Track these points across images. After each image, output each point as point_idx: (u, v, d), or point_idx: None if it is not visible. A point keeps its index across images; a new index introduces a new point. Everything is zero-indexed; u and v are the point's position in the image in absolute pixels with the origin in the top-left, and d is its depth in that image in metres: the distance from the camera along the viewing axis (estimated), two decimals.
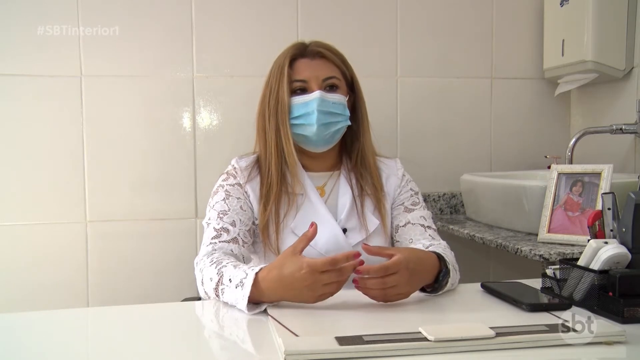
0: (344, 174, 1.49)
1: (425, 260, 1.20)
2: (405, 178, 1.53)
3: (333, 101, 1.41)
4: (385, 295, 1.13)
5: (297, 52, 1.45)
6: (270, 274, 1.12)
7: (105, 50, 1.95)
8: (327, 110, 1.40)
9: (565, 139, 2.16)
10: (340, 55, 1.47)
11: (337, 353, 0.87)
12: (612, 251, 1.09)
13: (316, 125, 1.39)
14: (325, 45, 1.46)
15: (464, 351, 0.89)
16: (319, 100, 1.39)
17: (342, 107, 1.43)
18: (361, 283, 1.13)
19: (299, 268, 1.08)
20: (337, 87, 1.44)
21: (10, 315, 1.21)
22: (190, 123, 2.02)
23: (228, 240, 1.36)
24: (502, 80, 2.23)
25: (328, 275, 1.09)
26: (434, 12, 2.16)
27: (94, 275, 1.98)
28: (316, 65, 1.43)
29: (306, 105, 1.40)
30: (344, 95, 1.44)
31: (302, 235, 1.16)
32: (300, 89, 1.42)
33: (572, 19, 1.99)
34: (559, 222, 1.60)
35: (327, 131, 1.42)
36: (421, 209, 1.49)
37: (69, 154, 1.95)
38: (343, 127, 1.44)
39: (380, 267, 1.12)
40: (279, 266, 1.12)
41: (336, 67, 1.45)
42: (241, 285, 1.13)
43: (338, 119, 1.42)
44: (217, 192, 1.44)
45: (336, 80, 1.44)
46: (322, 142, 1.44)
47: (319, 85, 1.41)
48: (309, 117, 1.40)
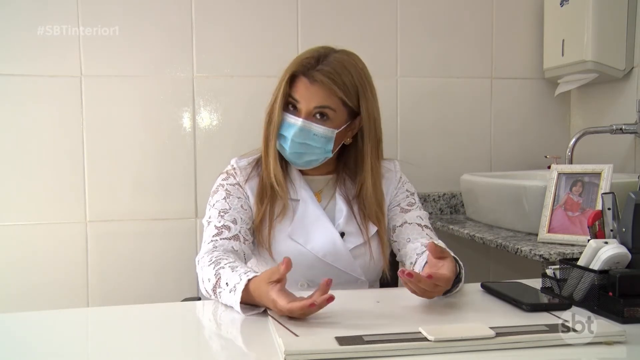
0: (341, 186, 1.47)
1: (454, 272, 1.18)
2: (401, 180, 1.52)
3: (315, 132, 1.37)
4: (426, 294, 1.12)
5: (300, 69, 1.37)
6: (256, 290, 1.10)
7: (105, 50, 1.95)
8: (303, 141, 1.37)
9: (565, 139, 2.17)
10: (345, 84, 1.36)
11: (337, 353, 0.87)
12: (612, 251, 1.09)
13: (289, 151, 1.39)
14: (331, 73, 1.35)
15: (464, 351, 0.89)
16: (297, 130, 1.36)
17: (324, 140, 1.38)
18: (415, 277, 1.08)
19: (268, 301, 1.07)
20: (327, 118, 1.37)
21: (10, 315, 1.21)
22: (190, 123, 2.02)
23: (229, 238, 1.35)
24: (502, 80, 2.23)
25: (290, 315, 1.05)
26: (434, 12, 2.16)
27: (94, 275, 1.98)
28: (312, 90, 1.36)
29: (289, 127, 1.37)
30: (334, 127, 1.38)
31: (277, 268, 1.08)
32: (292, 106, 1.39)
33: (572, 19, 1.99)
34: (559, 222, 1.60)
35: (300, 159, 1.40)
36: (417, 209, 1.48)
37: (68, 153, 1.95)
38: (319, 158, 1.41)
39: (443, 278, 1.10)
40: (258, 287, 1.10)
41: (335, 97, 1.36)
42: (234, 291, 1.13)
43: (314, 151, 1.39)
44: (217, 191, 1.44)
45: (329, 110, 1.36)
46: (299, 164, 1.43)
47: (308, 111, 1.36)
48: (285, 142, 1.38)
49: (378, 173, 1.45)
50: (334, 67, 1.36)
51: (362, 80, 1.40)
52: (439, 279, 1.10)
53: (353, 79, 1.38)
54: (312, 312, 1.04)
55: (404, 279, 1.09)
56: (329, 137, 1.38)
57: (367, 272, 1.44)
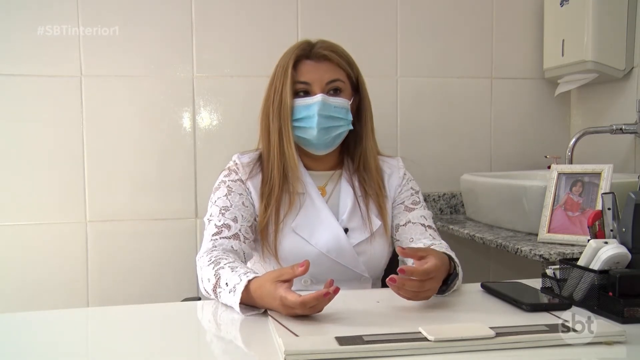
0: (345, 174, 1.49)
1: (447, 264, 1.19)
2: (406, 177, 1.52)
3: (335, 105, 1.40)
4: (416, 297, 1.12)
5: (302, 53, 1.43)
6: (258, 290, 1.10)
7: (105, 50, 1.95)
8: (329, 114, 1.40)
9: (565, 139, 2.17)
10: (346, 56, 1.45)
11: (337, 353, 0.87)
12: (612, 251, 1.09)
13: (317, 129, 1.39)
14: (331, 46, 1.44)
15: (464, 351, 0.89)
16: (320, 104, 1.39)
17: (345, 111, 1.42)
18: (399, 283, 1.09)
19: (274, 299, 1.07)
20: (340, 91, 1.43)
21: (10, 315, 1.21)
22: (190, 123, 2.02)
23: (229, 237, 1.35)
24: (502, 80, 2.23)
25: (301, 310, 1.05)
26: (434, 12, 2.16)
27: (94, 275, 1.98)
28: (320, 67, 1.42)
29: (308, 108, 1.40)
30: (347, 98, 1.43)
31: (290, 268, 1.08)
32: (303, 91, 1.41)
33: (572, 19, 1.99)
34: (559, 222, 1.60)
35: (327, 135, 1.41)
36: (421, 209, 1.49)
37: (69, 153, 1.95)
38: (344, 131, 1.44)
39: (424, 271, 1.09)
40: (261, 286, 1.10)
41: (341, 70, 1.43)
42: (233, 291, 1.13)
43: (339, 123, 1.42)
44: (219, 187, 1.44)
45: (340, 83, 1.43)
46: (323, 145, 1.43)
47: (322, 88, 1.40)
48: (310, 120, 1.39)
49: (375, 142, 1.49)
50: (329, 45, 1.45)
51: (351, 57, 1.47)
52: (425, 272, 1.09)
53: (348, 55, 1.47)
54: (325, 302, 1.05)
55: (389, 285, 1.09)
56: (346, 107, 1.43)
57: (370, 268, 1.45)
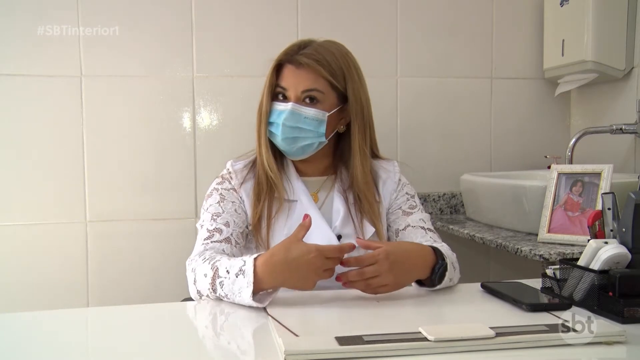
0: (338, 181, 1.46)
1: (415, 252, 1.21)
2: (401, 182, 1.50)
3: (306, 115, 1.36)
4: (369, 286, 1.16)
5: (285, 57, 1.39)
6: (272, 258, 1.13)
7: (105, 50, 1.95)
8: (295, 125, 1.36)
9: (565, 139, 2.16)
10: (332, 66, 1.37)
11: (337, 353, 0.87)
12: (612, 251, 1.09)
13: (281, 137, 1.38)
14: (316, 54, 1.37)
15: (464, 351, 0.89)
16: (288, 113, 1.36)
17: (316, 123, 1.37)
18: (343, 277, 1.16)
19: (308, 252, 1.11)
20: (317, 101, 1.37)
21: (10, 315, 1.21)
22: (190, 123, 2.02)
23: (220, 240, 1.34)
24: (502, 80, 2.23)
25: (332, 261, 1.13)
26: (434, 12, 2.16)
27: (94, 275, 1.98)
28: (299, 75, 1.37)
29: (278, 114, 1.38)
30: (325, 110, 1.38)
31: (299, 226, 1.18)
32: (282, 95, 1.39)
33: (572, 19, 1.99)
34: (559, 222, 1.60)
35: (293, 144, 1.39)
36: (419, 212, 1.48)
37: (69, 153, 1.95)
38: (314, 142, 1.40)
39: (357, 259, 1.16)
40: (285, 250, 1.13)
41: (322, 79, 1.37)
42: (242, 273, 1.12)
43: (306, 135, 1.38)
44: (212, 195, 1.43)
45: (317, 93, 1.37)
46: (292, 153, 1.41)
47: (297, 96, 1.37)
48: (276, 128, 1.38)
49: (366, 157, 1.43)
50: (317, 49, 1.38)
51: (347, 63, 1.40)
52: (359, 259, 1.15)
53: (338, 60, 1.39)
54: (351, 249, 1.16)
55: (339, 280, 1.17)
56: (321, 119, 1.38)
57: None
